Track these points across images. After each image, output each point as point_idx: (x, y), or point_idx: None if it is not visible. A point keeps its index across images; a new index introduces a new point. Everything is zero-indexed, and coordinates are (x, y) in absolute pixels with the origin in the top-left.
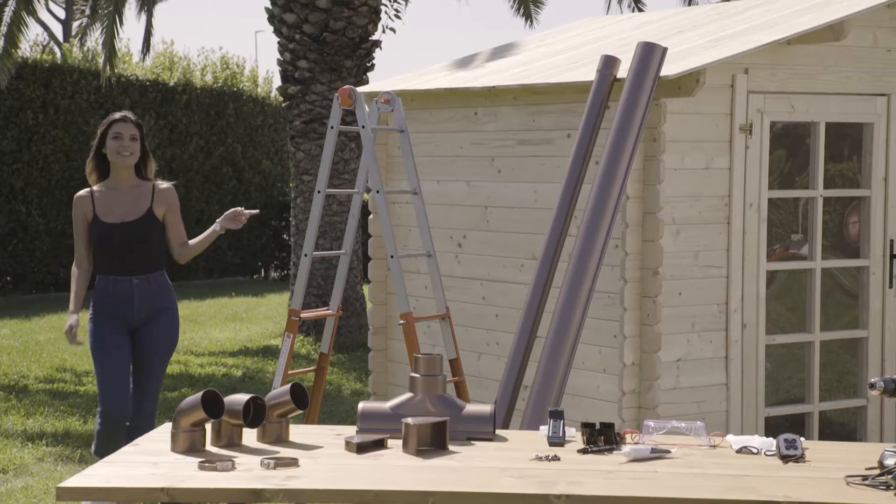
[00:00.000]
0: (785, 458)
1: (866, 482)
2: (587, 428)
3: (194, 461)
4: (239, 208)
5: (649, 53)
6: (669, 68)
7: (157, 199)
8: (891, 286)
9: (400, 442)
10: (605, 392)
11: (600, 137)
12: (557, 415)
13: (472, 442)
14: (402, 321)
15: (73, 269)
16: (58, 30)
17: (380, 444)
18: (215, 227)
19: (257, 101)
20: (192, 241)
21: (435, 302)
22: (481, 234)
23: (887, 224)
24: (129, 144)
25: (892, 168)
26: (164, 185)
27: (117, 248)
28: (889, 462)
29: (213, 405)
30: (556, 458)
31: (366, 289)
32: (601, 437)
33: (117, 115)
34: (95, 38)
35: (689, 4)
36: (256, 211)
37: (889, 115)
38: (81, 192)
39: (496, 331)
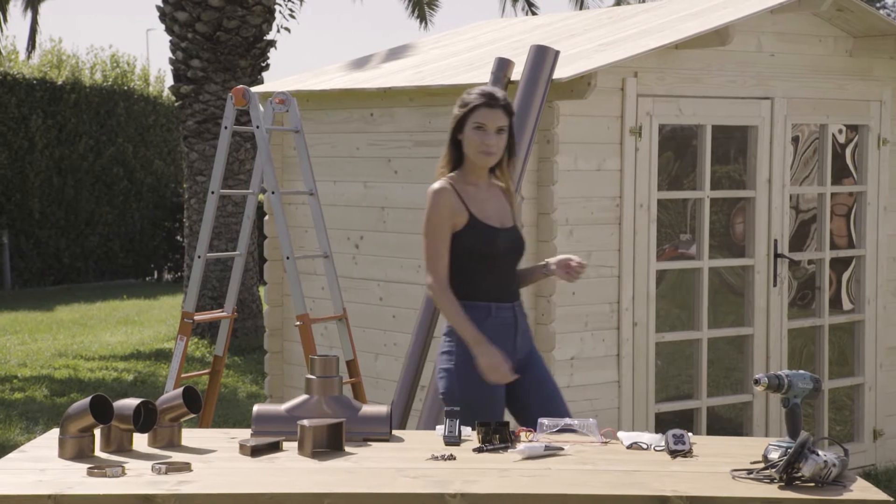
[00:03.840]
0: (673, 454)
1: (751, 476)
2: (482, 427)
3: (83, 467)
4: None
5: (542, 56)
6: (562, 71)
7: (513, 204)
8: (775, 284)
9: (295, 444)
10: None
11: None
12: (453, 414)
13: (369, 443)
14: (298, 323)
15: (443, 288)
16: None
17: (275, 447)
18: (545, 270)
19: (149, 101)
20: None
21: (332, 303)
22: (378, 235)
23: (771, 224)
24: (494, 141)
25: (775, 170)
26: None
27: (500, 262)
28: (773, 456)
29: (101, 410)
30: (451, 458)
31: (262, 290)
32: (496, 436)
33: (479, 96)
34: None
35: (581, 8)
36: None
37: (773, 118)
38: (442, 185)
39: (393, 331)
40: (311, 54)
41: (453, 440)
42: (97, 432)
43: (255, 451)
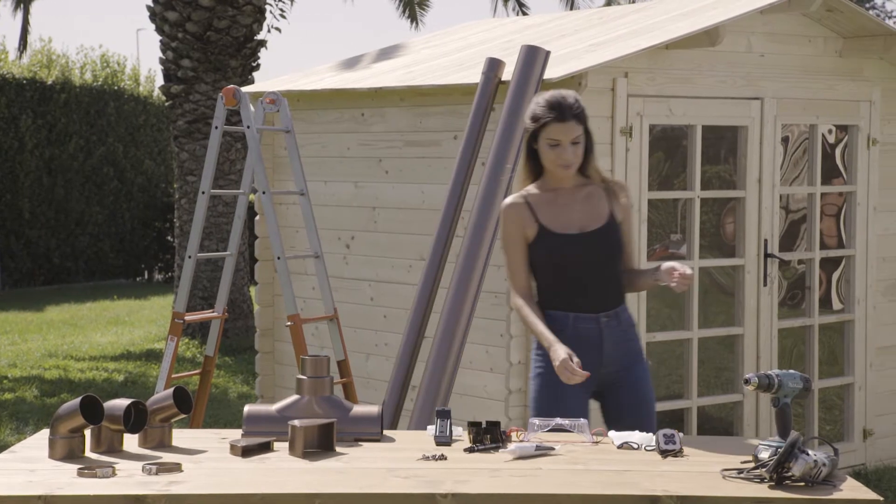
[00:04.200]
0: (664, 453)
1: (741, 475)
2: (473, 427)
3: (73, 468)
4: (675, 265)
5: (533, 56)
6: (552, 71)
7: (616, 198)
8: (765, 284)
9: (286, 444)
10: (492, 391)
11: (486, 139)
12: (444, 414)
13: (360, 443)
14: (289, 323)
15: (519, 299)
16: None
17: (266, 447)
18: (655, 276)
19: (139, 100)
20: (636, 270)
21: (323, 303)
22: (369, 235)
23: (761, 224)
24: (570, 155)
25: (765, 170)
26: (616, 179)
27: (577, 271)
28: (763, 455)
29: (92, 410)
30: (442, 458)
31: (252, 290)
32: (487, 436)
33: (549, 110)
34: None
35: (571, 8)
36: (690, 272)
37: (763, 118)
38: (513, 199)
39: (384, 331)
40: (302, 54)
41: (444, 440)
42: (87, 433)
43: (246, 452)
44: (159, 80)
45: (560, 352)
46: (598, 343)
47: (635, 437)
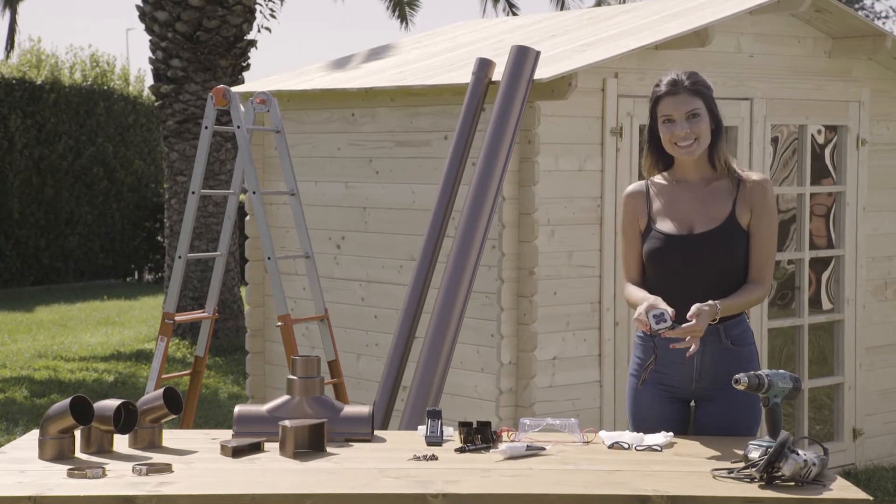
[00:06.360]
0: (655, 333)
1: (732, 475)
2: (464, 427)
3: (63, 468)
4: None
5: (523, 57)
6: (543, 72)
7: (742, 197)
8: None
9: (277, 445)
10: (483, 391)
11: (476, 139)
12: (435, 414)
13: (351, 443)
14: (279, 323)
15: (624, 286)
16: None
17: (256, 448)
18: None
19: (129, 100)
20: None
21: (313, 303)
22: (360, 236)
23: None
24: (687, 131)
25: (755, 170)
26: (754, 176)
27: (676, 275)
28: (753, 455)
29: (82, 411)
30: (433, 458)
31: (243, 291)
32: (478, 436)
33: (663, 83)
34: None
35: (562, 9)
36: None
37: (752, 118)
38: (633, 186)
39: (375, 332)
40: (292, 54)
41: (435, 440)
42: (77, 433)
43: (237, 452)
44: (149, 80)
45: (642, 305)
46: (692, 356)
47: (626, 436)
